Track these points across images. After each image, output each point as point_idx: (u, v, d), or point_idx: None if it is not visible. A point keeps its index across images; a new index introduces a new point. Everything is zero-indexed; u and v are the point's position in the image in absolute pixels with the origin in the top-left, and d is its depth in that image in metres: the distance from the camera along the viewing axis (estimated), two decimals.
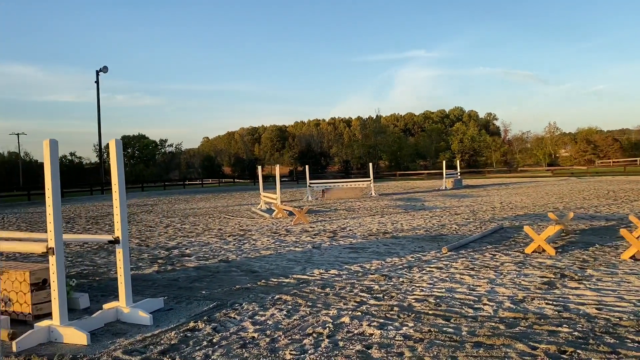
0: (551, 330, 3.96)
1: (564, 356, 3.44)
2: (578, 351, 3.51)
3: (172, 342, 3.97)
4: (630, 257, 6.64)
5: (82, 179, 67.31)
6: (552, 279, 5.70)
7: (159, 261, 7.76)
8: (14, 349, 3.83)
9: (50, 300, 4.15)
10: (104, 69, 32.07)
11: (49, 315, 4.18)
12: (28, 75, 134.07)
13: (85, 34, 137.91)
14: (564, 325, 4.06)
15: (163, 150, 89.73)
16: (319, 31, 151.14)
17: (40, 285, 4.55)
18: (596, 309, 4.51)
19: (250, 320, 4.49)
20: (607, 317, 4.27)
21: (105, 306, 4.76)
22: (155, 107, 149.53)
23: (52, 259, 4.02)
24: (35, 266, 4.82)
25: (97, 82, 32.13)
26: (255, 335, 4.08)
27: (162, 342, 3.99)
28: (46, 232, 4.06)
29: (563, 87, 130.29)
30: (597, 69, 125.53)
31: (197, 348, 3.82)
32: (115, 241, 4.60)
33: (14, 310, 4.60)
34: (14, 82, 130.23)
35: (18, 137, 67.50)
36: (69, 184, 56.27)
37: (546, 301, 4.79)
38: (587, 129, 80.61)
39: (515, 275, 5.93)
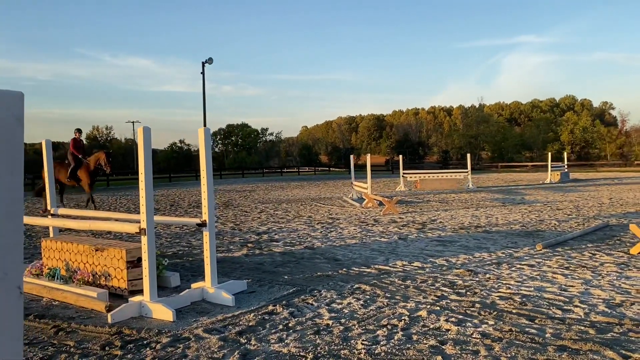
0: None
1: None
2: None
3: (250, 324, 4.12)
4: None
5: (191, 165, 71.48)
6: None
7: (249, 245, 8.07)
8: (109, 320, 4.18)
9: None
10: (209, 61, 33.64)
11: (142, 291, 4.50)
12: (143, 68, 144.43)
13: (194, 27, 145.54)
14: None
15: (264, 139, 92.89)
16: (420, 17, 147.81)
17: (135, 262, 4.90)
18: None
19: (326, 307, 4.54)
20: None
21: (193, 286, 5.03)
22: (258, 97, 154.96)
23: (143, 239, 4.32)
24: (132, 245, 5.20)
25: (202, 73, 33.80)
26: (330, 322, 4.12)
27: (240, 323, 4.16)
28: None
29: None
30: None
31: (273, 331, 3.93)
32: (203, 224, 4.84)
33: (112, 285, 5.00)
34: (131, 74, 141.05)
35: (133, 124, 72.91)
36: (178, 169, 60.06)
37: None
38: None
39: (615, 277, 5.47)
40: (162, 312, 4.26)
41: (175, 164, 73.30)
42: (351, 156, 20.42)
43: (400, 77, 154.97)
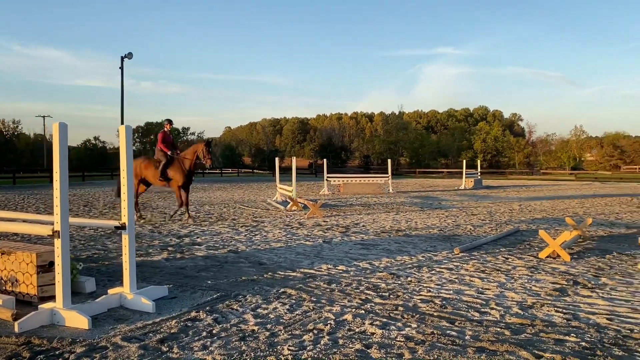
0: (558, 339, 3.84)
1: None
2: None
3: (172, 331, 3.95)
4: None
5: (105, 163, 68.33)
6: (564, 285, 5.56)
7: (169, 248, 7.79)
8: (17, 329, 3.86)
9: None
10: (129, 55, 32.33)
11: (54, 297, 4.20)
12: (56, 59, 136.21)
13: (113, 19, 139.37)
14: (572, 335, 3.94)
15: (185, 138, 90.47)
16: (346, 25, 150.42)
17: (46, 267, 4.57)
18: (607, 319, 4.37)
19: (252, 312, 4.46)
20: (618, 328, 4.13)
21: (110, 291, 4.77)
22: (180, 95, 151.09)
23: (57, 242, 4.03)
24: (42, 248, 4.85)
25: (121, 67, 32.42)
26: (256, 328, 4.04)
27: (161, 330, 3.98)
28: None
29: (592, 90, 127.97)
30: (627, 72, 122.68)
31: (196, 338, 3.80)
32: (122, 227, 4.60)
33: (20, 291, 4.64)
34: (42, 66, 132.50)
35: (44, 119, 68.73)
36: (92, 168, 57.19)
37: (556, 308, 4.66)
38: (615, 134, 78.86)
39: (526, 280, 5.79)
40: (77, 320, 3.99)
41: (89, 162, 69.75)
42: (276, 158, 20.36)
43: (325, 82, 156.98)
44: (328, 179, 23.20)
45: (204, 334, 3.90)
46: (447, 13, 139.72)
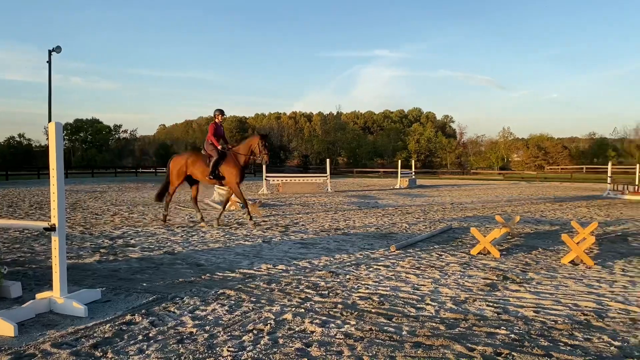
0: (489, 332, 4.02)
1: (500, 358, 3.50)
2: (513, 353, 3.57)
3: (106, 336, 3.82)
4: (570, 262, 6.86)
5: (31, 161, 64.83)
6: (494, 280, 5.82)
7: (102, 250, 7.50)
8: None
9: None
10: (57, 49, 30.79)
11: None
12: None
13: (39, 10, 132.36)
14: (502, 327, 4.13)
15: (117, 136, 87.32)
16: (283, 23, 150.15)
17: None
18: (534, 311, 4.62)
19: (190, 315, 4.37)
20: (544, 320, 4.38)
21: (38, 296, 4.54)
22: (112, 91, 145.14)
23: None
24: None
25: (49, 62, 30.84)
26: (194, 330, 3.97)
27: (95, 335, 3.84)
28: None
29: (519, 94, 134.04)
30: (551, 78, 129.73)
31: (132, 342, 3.69)
32: (51, 228, 4.39)
33: None
34: None
35: None
36: (17, 167, 54.09)
37: (487, 303, 4.88)
38: (539, 136, 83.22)
39: (459, 276, 6.02)
40: (2, 327, 3.77)
41: (12, 161, 65.90)
42: None
43: (263, 80, 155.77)
44: (267, 178, 23.10)
45: (140, 337, 3.80)
46: (382, 16, 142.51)
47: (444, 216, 12.86)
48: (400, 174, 30.05)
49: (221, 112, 10.75)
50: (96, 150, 77.82)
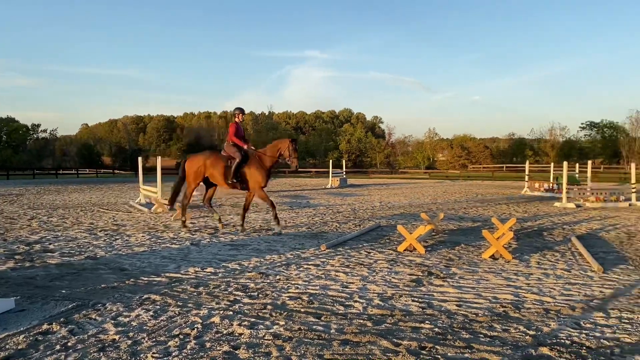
0: (414, 327, 4.14)
1: (424, 352, 3.61)
2: (436, 347, 3.69)
3: (19, 347, 3.60)
4: (490, 257, 7.20)
5: None
6: (419, 276, 6.00)
7: (16, 257, 7.06)
8: None
9: None
10: None
11: None
12: None
13: None
14: (427, 322, 4.27)
15: (35, 136, 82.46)
16: (214, 20, 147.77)
17: None
18: (456, 305, 4.81)
19: (112, 321, 4.20)
20: (466, 313, 4.56)
21: None
22: (29, 88, 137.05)
23: None
24: None
25: None
26: (117, 337, 3.82)
27: (7, 347, 3.60)
28: None
29: (444, 95, 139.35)
30: (474, 81, 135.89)
31: (48, 353, 3.50)
32: None
33: None
34: None
35: None
36: None
37: (412, 298, 5.02)
38: (462, 136, 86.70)
39: (386, 273, 6.16)
40: None
41: None
42: (139, 158, 19.35)
43: (192, 78, 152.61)
44: None
45: (58, 347, 3.61)
46: (312, 16, 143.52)
47: (373, 214, 13.12)
48: (332, 173, 30.39)
49: (241, 110, 10.07)
50: (12, 151, 73.11)
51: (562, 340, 3.86)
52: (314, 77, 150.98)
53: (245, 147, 9.71)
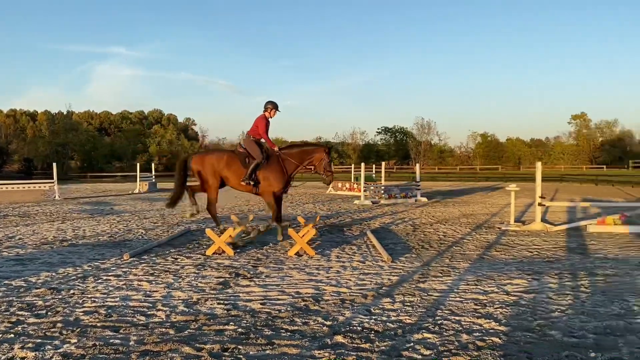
0: (218, 330, 4.14)
1: (226, 354, 3.63)
2: (239, 347, 3.75)
3: None
4: (295, 254, 7.54)
5: None
6: (227, 278, 6.03)
7: None
8: None
9: None
10: None
11: None
12: None
13: None
14: (231, 323, 4.31)
15: None
16: None
17: None
18: (261, 304, 4.93)
19: None
20: (269, 310, 4.71)
21: None
22: None
23: None
24: None
25: None
26: None
27: None
28: None
29: (257, 99, 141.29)
30: (286, 86, 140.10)
31: None
32: None
33: None
34: None
35: None
36: None
37: (218, 301, 5.02)
38: (274, 139, 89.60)
39: (193, 278, 6.06)
40: None
41: None
42: None
43: None
44: None
45: None
46: (119, 10, 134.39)
47: (182, 219, 12.79)
48: (140, 177, 28.84)
49: (275, 105, 8.97)
50: None
51: (355, 327, 4.21)
52: (121, 76, 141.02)
53: (276, 148, 8.92)
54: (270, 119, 9.06)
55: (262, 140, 8.98)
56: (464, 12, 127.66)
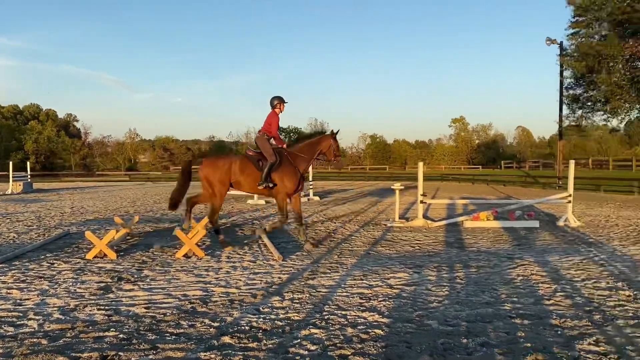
0: (97, 337, 3.94)
1: None
2: (120, 353, 3.59)
3: None
4: (184, 255, 7.35)
5: None
6: (109, 283, 5.73)
7: None
8: None
9: None
10: None
11: None
12: None
13: None
14: (112, 329, 4.11)
15: None
16: None
17: None
18: (145, 308, 4.75)
19: None
20: (154, 314, 4.55)
21: None
22: None
23: None
24: None
25: None
26: None
27: None
28: None
29: (146, 96, 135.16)
30: (176, 83, 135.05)
31: None
32: None
33: None
34: None
35: None
36: None
37: (98, 307, 4.76)
38: (165, 138, 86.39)
39: (71, 284, 5.69)
40: None
41: None
42: None
43: None
44: None
45: None
46: None
47: (61, 221, 11.94)
48: (13, 177, 26.46)
49: (282, 100, 8.50)
50: None
51: (243, 327, 4.20)
52: None
53: (284, 146, 8.47)
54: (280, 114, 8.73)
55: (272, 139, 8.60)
56: (361, 16, 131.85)
